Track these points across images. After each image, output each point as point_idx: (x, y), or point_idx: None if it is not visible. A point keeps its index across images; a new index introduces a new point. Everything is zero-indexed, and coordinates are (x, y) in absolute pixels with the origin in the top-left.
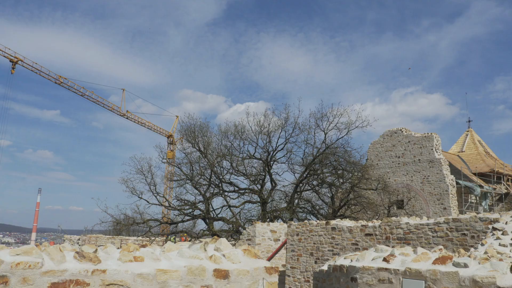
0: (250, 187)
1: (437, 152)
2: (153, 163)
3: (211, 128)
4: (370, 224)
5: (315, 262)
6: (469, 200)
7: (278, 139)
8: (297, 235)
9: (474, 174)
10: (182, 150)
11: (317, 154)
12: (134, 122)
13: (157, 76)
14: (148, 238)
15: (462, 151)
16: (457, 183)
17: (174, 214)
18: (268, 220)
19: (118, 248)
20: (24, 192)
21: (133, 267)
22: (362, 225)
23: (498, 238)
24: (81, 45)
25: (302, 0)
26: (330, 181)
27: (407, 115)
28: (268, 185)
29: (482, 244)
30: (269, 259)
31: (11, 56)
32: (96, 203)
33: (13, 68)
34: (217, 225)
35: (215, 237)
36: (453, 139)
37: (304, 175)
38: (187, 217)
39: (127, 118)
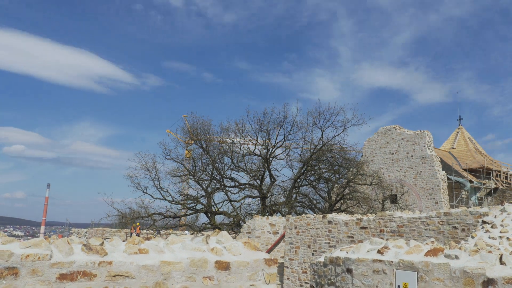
0: (250, 182)
1: (429, 149)
2: (157, 160)
3: (212, 126)
4: (365, 218)
5: (312, 254)
6: (460, 194)
7: (277, 137)
8: (295, 228)
9: (465, 169)
10: (186, 147)
11: (314, 151)
12: None
13: None
14: (152, 231)
15: (453, 148)
16: (448, 178)
17: (177, 208)
18: (267, 214)
19: (123, 241)
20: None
21: (138, 259)
22: (357, 219)
23: (487, 231)
24: None
25: None
26: (327, 177)
27: None
28: (267, 180)
29: (472, 237)
30: (268, 251)
31: None
32: (103, 197)
33: None
34: (219, 218)
35: (217, 230)
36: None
37: (302, 171)
38: (189, 211)
39: None
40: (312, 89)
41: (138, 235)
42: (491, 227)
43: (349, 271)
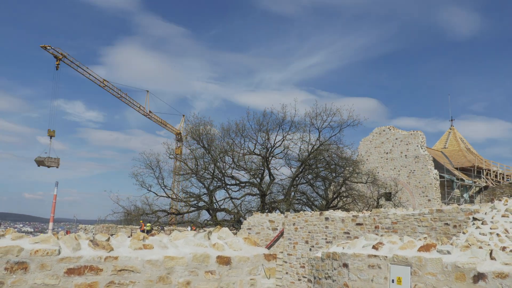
0: (250, 180)
1: (422, 148)
2: (161, 159)
3: (214, 126)
4: (360, 214)
5: (310, 250)
6: (452, 192)
7: (276, 137)
8: (294, 224)
9: (456, 168)
10: (188, 146)
11: (312, 151)
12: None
13: None
14: (156, 227)
15: (445, 148)
16: (440, 176)
17: (180, 206)
18: (266, 211)
19: (128, 237)
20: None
21: (143, 254)
22: (353, 216)
23: (478, 228)
24: None
25: None
26: (324, 175)
27: None
28: (267, 178)
29: (464, 233)
30: (268, 246)
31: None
32: (108, 195)
33: (57, 64)
34: (220, 215)
35: (218, 226)
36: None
37: (300, 170)
38: (192, 208)
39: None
40: None
41: (143, 231)
42: (482, 223)
43: (345, 265)
